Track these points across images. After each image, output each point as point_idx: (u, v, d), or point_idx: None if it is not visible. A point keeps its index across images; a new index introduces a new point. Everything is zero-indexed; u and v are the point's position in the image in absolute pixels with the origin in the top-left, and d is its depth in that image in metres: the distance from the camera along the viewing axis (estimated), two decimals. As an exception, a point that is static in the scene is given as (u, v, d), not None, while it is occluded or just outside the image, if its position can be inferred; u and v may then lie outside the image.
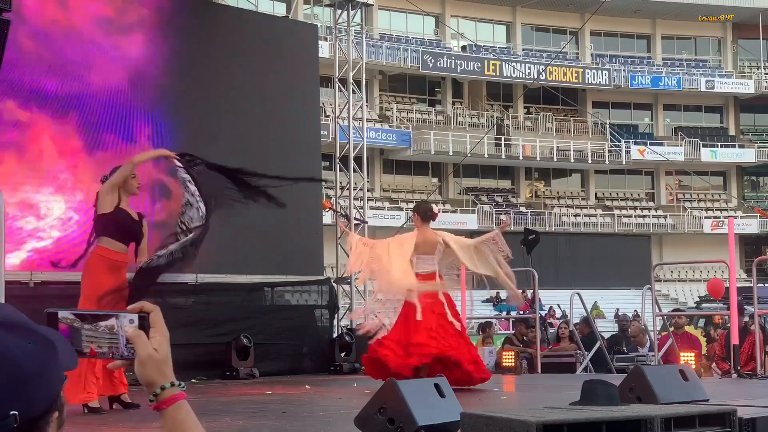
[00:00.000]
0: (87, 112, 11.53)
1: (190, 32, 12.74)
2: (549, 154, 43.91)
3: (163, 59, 12.34)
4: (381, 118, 42.05)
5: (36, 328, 1.52)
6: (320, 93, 15.21)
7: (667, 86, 46.29)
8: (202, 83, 12.76)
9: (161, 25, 12.40)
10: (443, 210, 41.12)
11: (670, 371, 6.76)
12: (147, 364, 1.77)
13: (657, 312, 12.95)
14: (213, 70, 12.85)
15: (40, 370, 1.48)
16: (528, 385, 10.32)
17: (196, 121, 12.63)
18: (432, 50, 42.88)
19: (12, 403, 1.44)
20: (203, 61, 12.80)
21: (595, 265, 40.29)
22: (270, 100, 13.43)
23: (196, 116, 12.63)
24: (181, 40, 12.59)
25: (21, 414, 1.44)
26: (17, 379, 1.45)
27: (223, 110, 12.90)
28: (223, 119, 12.87)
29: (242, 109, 13.09)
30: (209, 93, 12.81)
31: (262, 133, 13.31)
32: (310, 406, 8.25)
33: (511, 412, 4.76)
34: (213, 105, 12.83)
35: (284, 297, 13.82)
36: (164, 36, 12.42)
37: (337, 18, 15.43)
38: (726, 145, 46.81)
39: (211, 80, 12.83)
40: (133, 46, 12.09)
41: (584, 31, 43.74)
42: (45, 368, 1.49)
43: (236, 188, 7.81)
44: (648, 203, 46.98)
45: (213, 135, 12.75)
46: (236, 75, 13.11)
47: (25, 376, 1.46)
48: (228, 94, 13.00)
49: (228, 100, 12.98)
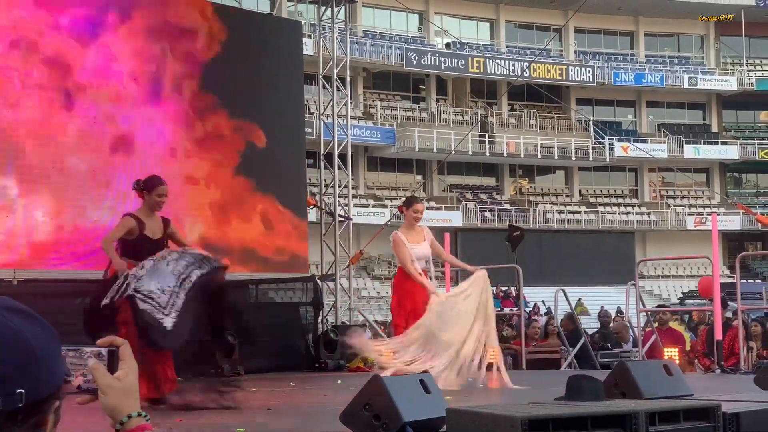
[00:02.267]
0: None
1: (172, 28, 12.69)
2: (533, 151, 43.98)
3: (144, 55, 12.29)
4: (365, 116, 42.03)
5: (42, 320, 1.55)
6: (304, 90, 15.19)
7: (650, 83, 46.43)
8: (185, 80, 12.71)
9: (143, 21, 12.36)
10: (428, 207, 41.15)
11: (654, 367, 6.78)
12: (108, 394, 1.77)
13: (641, 308, 12.99)
14: (196, 66, 12.81)
15: (48, 354, 1.52)
16: (513, 381, 10.33)
17: (180, 118, 12.60)
18: (416, 47, 42.88)
19: (19, 381, 1.47)
20: (186, 57, 12.75)
21: (580, 262, 40.38)
22: (254, 97, 13.41)
23: (180, 113, 12.60)
24: (163, 36, 12.54)
25: (27, 393, 1.46)
26: (27, 359, 1.48)
27: (206, 107, 12.86)
28: (206, 116, 12.84)
29: (226, 106, 13.05)
30: (192, 89, 12.77)
31: (246, 130, 13.28)
32: (294, 403, 8.24)
33: (497, 407, 4.77)
34: (196, 102, 12.79)
35: (268, 294, 13.81)
36: (147, 32, 12.38)
37: (321, 15, 15.42)
38: (709, 142, 46.98)
39: (194, 77, 12.79)
40: (116, 43, 12.05)
41: (568, 28, 43.82)
42: (52, 354, 1.53)
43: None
44: (632, 200, 47.13)
45: (196, 131, 12.73)
46: (220, 72, 13.07)
47: (34, 356, 1.49)
48: (211, 91, 12.96)
49: (211, 97, 12.94)
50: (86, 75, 11.78)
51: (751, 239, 46.84)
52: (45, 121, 11.40)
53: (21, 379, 1.47)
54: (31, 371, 1.48)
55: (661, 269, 44.14)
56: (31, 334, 1.50)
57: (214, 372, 11.36)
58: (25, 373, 1.47)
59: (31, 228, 11.19)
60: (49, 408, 1.53)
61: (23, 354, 1.48)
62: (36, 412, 1.50)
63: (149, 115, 12.41)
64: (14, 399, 1.46)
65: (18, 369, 1.47)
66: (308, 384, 10.04)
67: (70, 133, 11.62)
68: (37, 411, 1.50)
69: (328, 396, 8.53)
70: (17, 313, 1.52)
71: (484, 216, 42.16)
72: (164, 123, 12.57)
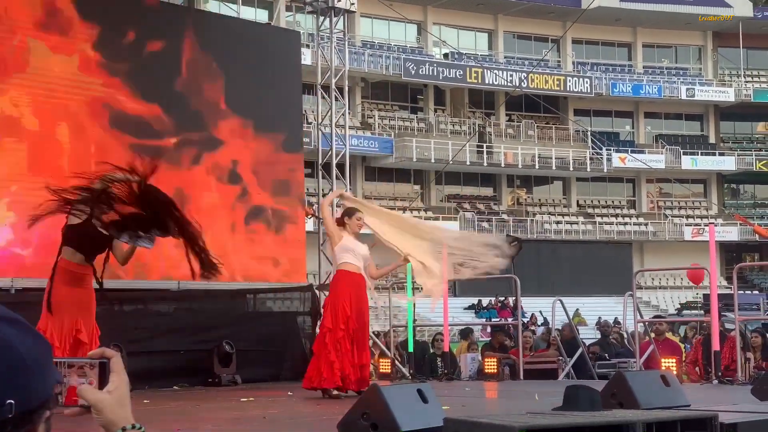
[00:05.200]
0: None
1: (171, 39, 12.71)
2: (531, 162, 44.03)
3: (144, 65, 12.31)
4: (363, 126, 42.08)
5: (33, 328, 1.54)
6: (302, 100, 15.21)
7: (648, 94, 46.52)
8: (183, 90, 12.73)
9: (143, 31, 12.38)
10: (425, 217, 41.17)
11: (651, 377, 6.79)
12: (99, 408, 1.77)
13: (638, 318, 12.99)
14: (195, 76, 12.82)
15: (39, 364, 1.50)
16: (510, 391, 10.34)
17: (179, 128, 12.61)
18: (414, 58, 42.96)
19: (10, 391, 1.45)
20: (185, 67, 12.77)
21: (577, 272, 40.40)
22: (252, 107, 13.42)
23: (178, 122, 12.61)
24: (162, 46, 12.56)
25: (17, 404, 1.45)
26: (17, 369, 1.47)
27: (205, 117, 12.88)
28: (204, 125, 12.86)
29: (224, 115, 13.07)
30: (191, 100, 12.78)
31: (244, 140, 13.30)
32: (292, 412, 8.24)
33: (495, 417, 4.78)
34: (195, 112, 12.81)
35: (266, 304, 13.80)
36: (145, 43, 12.40)
37: (319, 25, 15.44)
38: (706, 153, 47.06)
39: (193, 87, 12.80)
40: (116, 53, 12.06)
41: (566, 39, 43.92)
42: (43, 364, 1.51)
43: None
44: (629, 210, 47.17)
45: (195, 141, 12.73)
46: (218, 82, 13.09)
47: (24, 366, 1.47)
48: (210, 101, 12.98)
49: (210, 107, 12.96)
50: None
51: (748, 250, 46.86)
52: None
53: (10, 390, 1.45)
54: (20, 381, 1.46)
55: (659, 280, 44.16)
56: (20, 344, 1.49)
57: (212, 381, 11.41)
58: (14, 383, 1.46)
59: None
60: (39, 418, 1.51)
61: (12, 363, 1.46)
62: (26, 422, 1.48)
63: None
64: (3, 409, 1.44)
65: (7, 379, 1.45)
66: (305, 393, 10.01)
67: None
68: (27, 421, 1.48)
69: (325, 405, 8.53)
70: (8, 322, 1.51)
71: (482, 226, 42.16)
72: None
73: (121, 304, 11.37)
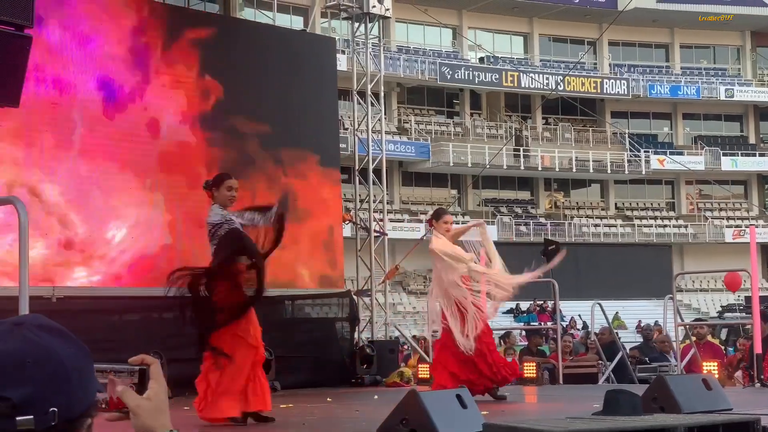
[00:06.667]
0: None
1: (208, 48, 12.79)
2: (568, 165, 43.82)
3: (181, 75, 12.40)
4: (399, 131, 42.08)
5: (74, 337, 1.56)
6: (339, 106, 15.24)
7: (686, 95, 46.14)
8: (221, 98, 12.80)
9: (180, 41, 12.47)
10: (462, 222, 41.07)
11: (693, 381, 6.74)
12: (139, 414, 1.78)
13: (679, 322, 12.88)
14: (232, 85, 12.89)
15: (80, 373, 1.52)
16: (550, 396, 10.29)
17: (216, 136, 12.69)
18: (450, 62, 42.90)
19: (53, 399, 1.48)
20: (222, 76, 12.85)
21: (616, 276, 40.11)
22: (289, 114, 13.47)
23: (216, 131, 12.68)
24: (200, 55, 12.64)
25: (60, 412, 1.47)
26: (60, 377, 1.49)
27: (242, 124, 12.94)
28: (242, 133, 12.92)
29: (261, 122, 13.13)
30: (228, 108, 12.86)
31: (282, 147, 13.35)
32: (331, 418, 8.24)
33: (534, 422, 4.75)
34: (232, 120, 12.88)
35: (304, 310, 13.84)
36: (183, 52, 12.49)
37: (354, 31, 15.47)
38: (746, 154, 46.59)
39: (230, 95, 12.88)
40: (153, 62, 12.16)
41: (602, 41, 43.67)
42: (84, 372, 1.53)
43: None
44: (668, 213, 46.80)
45: (232, 149, 12.80)
46: (255, 89, 13.16)
47: (67, 375, 1.50)
48: (247, 109, 13.05)
49: (247, 115, 13.02)
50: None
51: (790, 252, 46.34)
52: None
53: (54, 398, 1.48)
54: (63, 389, 1.49)
55: (699, 282, 43.76)
56: (63, 353, 1.51)
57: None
58: (57, 391, 1.48)
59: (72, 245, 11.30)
60: (81, 425, 1.54)
61: (56, 372, 1.49)
62: (69, 429, 1.51)
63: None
64: (47, 418, 1.47)
65: (51, 387, 1.48)
66: (345, 399, 10.04)
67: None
68: (70, 429, 1.51)
69: (364, 411, 8.53)
70: (50, 331, 1.54)
71: (520, 230, 42.03)
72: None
73: (161, 312, 11.43)
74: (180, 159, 12.23)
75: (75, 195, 11.36)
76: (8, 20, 6.87)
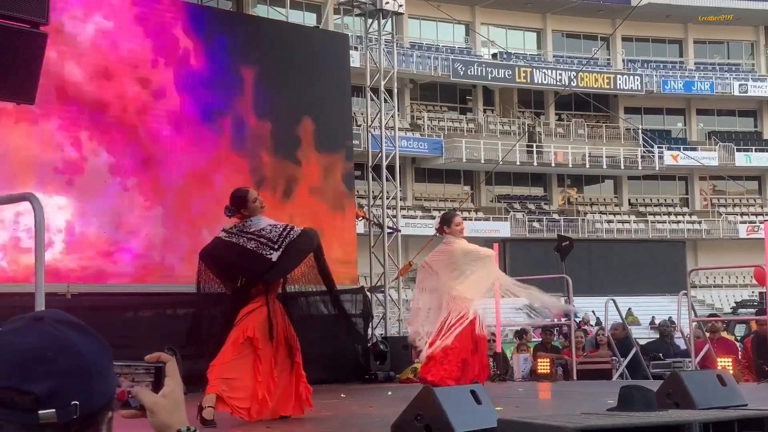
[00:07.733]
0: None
1: (221, 44, 12.82)
2: (581, 161, 43.73)
3: (195, 71, 12.43)
4: (412, 127, 42.06)
5: (94, 331, 1.58)
6: (352, 102, 15.25)
7: (699, 91, 45.98)
8: (234, 94, 12.83)
9: (194, 37, 12.50)
10: (476, 218, 41.05)
11: (707, 376, 6.72)
12: (155, 411, 1.79)
13: (693, 317, 12.85)
14: (245, 81, 12.92)
15: (101, 366, 1.54)
16: (564, 392, 10.28)
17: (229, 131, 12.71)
18: (462, 58, 42.85)
19: (74, 393, 1.50)
20: (235, 72, 12.87)
21: (630, 272, 40.03)
22: (302, 110, 13.49)
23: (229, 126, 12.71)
24: (213, 51, 12.67)
25: (82, 405, 1.49)
26: (81, 371, 1.51)
27: (255, 121, 12.96)
28: (255, 129, 12.95)
29: (274, 119, 13.15)
30: (241, 104, 12.88)
31: (295, 143, 13.37)
32: (345, 414, 8.26)
33: (548, 418, 4.76)
34: (245, 116, 12.90)
35: (318, 306, 13.83)
36: (197, 48, 12.52)
37: (367, 27, 15.47)
38: (760, 149, 46.42)
39: (243, 91, 12.90)
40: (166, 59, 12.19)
41: (615, 36, 43.55)
42: (104, 366, 1.55)
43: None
44: (682, 209, 46.66)
45: (245, 145, 12.83)
46: (268, 85, 13.18)
47: (88, 368, 1.52)
48: (260, 105, 13.06)
49: (260, 111, 13.04)
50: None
51: (805, 247, 46.10)
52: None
53: (75, 392, 1.49)
54: (84, 383, 1.51)
55: (713, 278, 43.64)
56: (83, 346, 1.53)
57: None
58: (79, 385, 1.50)
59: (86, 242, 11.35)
60: (102, 419, 1.55)
61: (78, 366, 1.51)
62: (90, 423, 1.52)
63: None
64: (69, 411, 1.48)
65: (72, 381, 1.49)
66: (358, 395, 10.05)
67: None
68: (91, 423, 1.52)
69: (378, 407, 8.54)
70: (69, 325, 1.55)
71: (533, 226, 41.97)
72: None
73: (175, 308, 11.46)
74: (192, 156, 12.25)
75: (89, 192, 11.40)
76: (24, 17, 6.91)
